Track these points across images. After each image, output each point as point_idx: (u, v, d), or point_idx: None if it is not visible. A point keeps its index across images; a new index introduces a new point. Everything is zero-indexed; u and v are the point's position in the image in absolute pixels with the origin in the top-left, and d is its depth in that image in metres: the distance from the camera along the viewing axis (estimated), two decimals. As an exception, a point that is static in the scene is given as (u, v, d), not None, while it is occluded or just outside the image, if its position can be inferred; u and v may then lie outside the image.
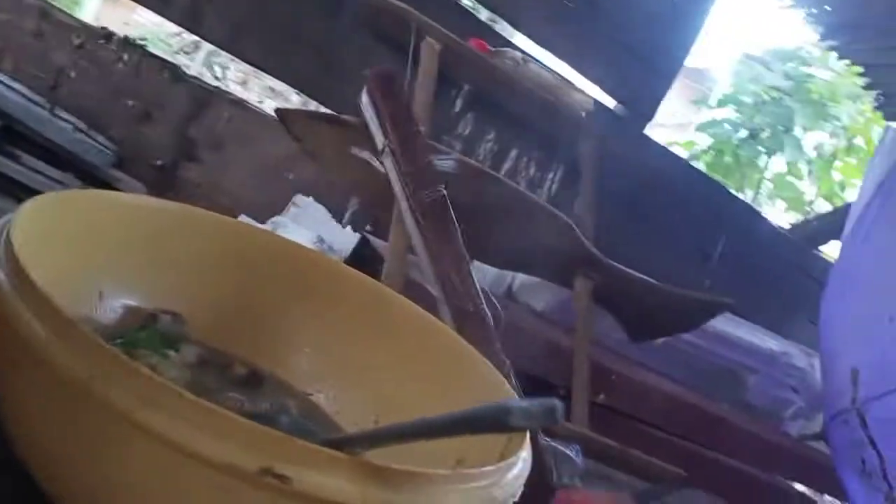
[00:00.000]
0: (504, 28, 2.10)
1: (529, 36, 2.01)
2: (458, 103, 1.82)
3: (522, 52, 1.90)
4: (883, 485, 1.98)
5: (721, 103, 7.23)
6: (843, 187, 7.50)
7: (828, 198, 7.91)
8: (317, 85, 1.78)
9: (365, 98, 1.34)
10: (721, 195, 2.73)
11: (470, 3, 2.12)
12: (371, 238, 1.61)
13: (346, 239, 1.53)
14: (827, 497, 2.26)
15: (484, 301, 1.35)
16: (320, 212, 1.59)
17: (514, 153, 1.94)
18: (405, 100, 1.37)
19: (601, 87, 2.13)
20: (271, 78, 2.17)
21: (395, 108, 1.35)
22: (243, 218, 1.44)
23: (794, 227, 3.49)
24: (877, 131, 6.82)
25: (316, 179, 1.70)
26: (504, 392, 0.66)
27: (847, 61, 3.72)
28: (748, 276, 2.63)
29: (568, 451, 1.58)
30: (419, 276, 1.39)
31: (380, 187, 1.42)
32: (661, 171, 2.27)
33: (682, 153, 7.84)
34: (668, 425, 2.01)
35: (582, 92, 1.94)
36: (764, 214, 3.05)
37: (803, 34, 4.50)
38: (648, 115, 2.24)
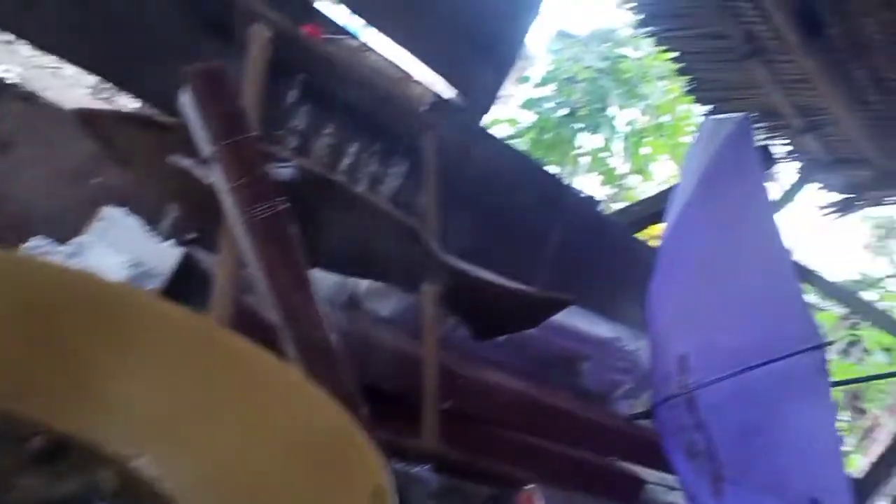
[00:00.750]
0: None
1: (368, 23, 1.88)
2: (292, 95, 1.65)
3: (360, 40, 1.76)
4: (710, 465, 2.11)
5: (544, 82, 7.47)
6: (651, 161, 8.09)
7: (638, 172, 8.50)
8: (125, 73, 1.51)
9: (188, 98, 1.15)
10: (555, 185, 2.77)
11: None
12: (195, 253, 1.42)
13: (165, 257, 1.34)
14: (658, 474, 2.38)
15: (328, 324, 1.24)
16: (133, 226, 1.37)
17: (354, 147, 1.81)
18: (236, 101, 1.19)
19: (442, 77, 2.05)
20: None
21: (225, 111, 1.18)
22: (32, 244, 1.20)
23: (619, 212, 3.65)
24: (682, 109, 7.40)
25: (127, 185, 1.46)
26: (346, 434, 0.57)
27: (662, 47, 3.91)
28: (581, 262, 2.70)
29: (419, 472, 1.52)
30: (255, 298, 1.24)
31: (205, 196, 1.25)
32: (499, 163, 2.24)
33: (507, 130, 8.06)
34: (515, 423, 2.01)
35: (422, 84, 1.85)
36: (595, 200, 3.15)
37: (618, 15, 4.70)
38: (486, 107, 2.19)
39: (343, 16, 2.00)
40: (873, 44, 3.16)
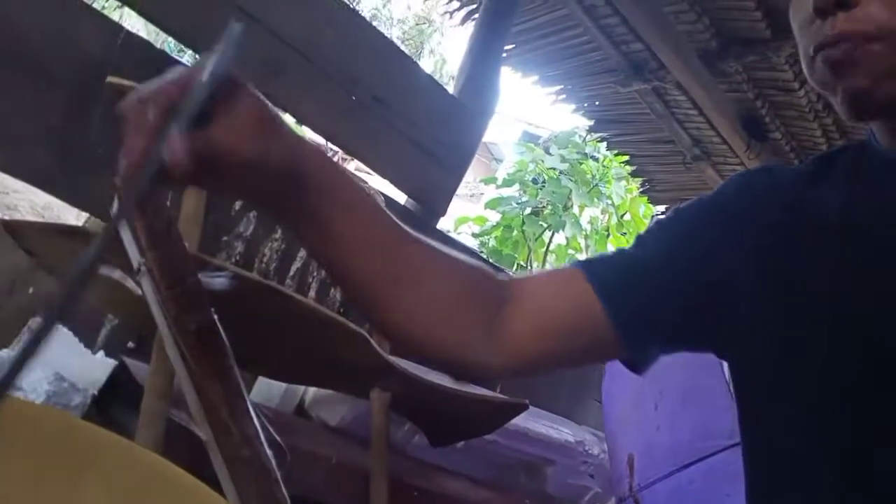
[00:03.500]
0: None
1: (315, 131, 1.90)
2: (239, 201, 1.65)
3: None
4: None
5: (507, 182, 7.66)
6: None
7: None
8: (61, 183, 1.49)
9: (117, 208, 1.13)
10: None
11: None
12: (130, 364, 1.37)
13: (96, 369, 1.29)
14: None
15: (264, 440, 1.18)
16: (65, 337, 1.32)
17: (302, 253, 1.80)
18: (165, 211, 1.18)
19: (392, 183, 2.07)
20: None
21: (153, 221, 1.16)
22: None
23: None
24: (642, 208, 7.59)
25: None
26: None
27: (615, 151, 4.04)
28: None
29: None
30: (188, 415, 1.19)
31: (139, 307, 1.21)
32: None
33: (475, 228, 8.18)
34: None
35: (373, 189, 1.86)
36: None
37: (577, 119, 4.87)
38: (441, 211, 2.21)
39: (291, 122, 2.04)
40: (816, 147, 3.29)
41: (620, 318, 0.65)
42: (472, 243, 8.10)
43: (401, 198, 2.22)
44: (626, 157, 4.05)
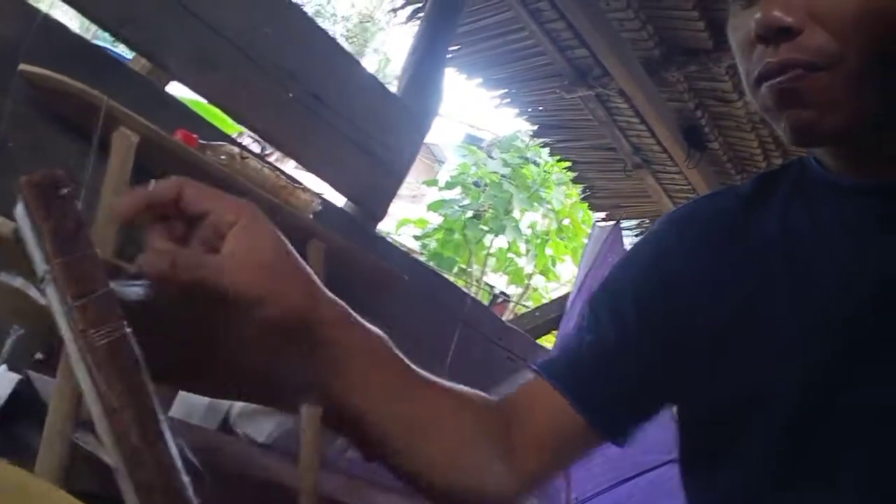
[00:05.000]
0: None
1: (250, 128, 1.81)
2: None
3: (241, 146, 1.69)
4: None
5: (449, 185, 7.63)
6: (554, 262, 8.32)
7: (543, 272, 8.70)
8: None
9: (20, 210, 1.02)
10: (453, 293, 2.73)
11: (175, 92, 1.86)
12: (36, 378, 1.26)
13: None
14: None
15: (180, 466, 1.09)
16: (-40, 350, 1.20)
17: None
18: (74, 213, 1.07)
19: (330, 185, 1.99)
20: None
21: (60, 224, 1.05)
22: None
23: (520, 318, 3.64)
24: (580, 213, 7.68)
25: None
26: None
27: (557, 157, 4.04)
28: (482, 372, 2.62)
29: None
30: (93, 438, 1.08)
31: (45, 317, 1.11)
32: (394, 272, 2.17)
33: (416, 231, 8.13)
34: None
35: (310, 191, 1.78)
36: (489, 309, 3.12)
37: (520, 124, 4.87)
38: (380, 214, 2.14)
39: (227, 122, 1.94)
40: (753, 157, 3.35)
41: (595, 414, 0.64)
42: (413, 245, 8.04)
43: (339, 200, 2.14)
44: (568, 164, 4.05)
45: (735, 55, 0.60)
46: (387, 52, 14.90)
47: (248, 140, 2.46)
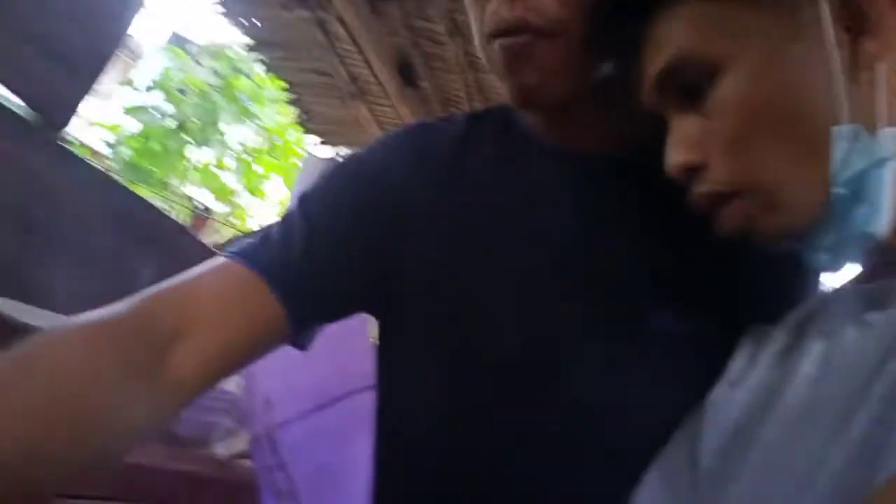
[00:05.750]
0: None
1: None
2: None
3: None
4: None
5: (150, 89, 6.96)
6: (262, 180, 8.11)
7: (251, 190, 8.44)
8: None
9: None
10: (147, 211, 2.52)
11: None
12: None
13: None
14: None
15: None
16: None
17: None
18: None
19: (6, 87, 1.69)
20: None
21: None
22: None
23: (227, 243, 3.50)
24: (293, 133, 7.55)
25: None
26: None
27: (273, 75, 3.89)
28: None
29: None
30: None
31: None
32: (80, 188, 1.94)
33: (109, 136, 7.30)
34: (91, 491, 1.72)
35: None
36: (193, 235, 2.95)
37: (233, 34, 4.57)
38: (62, 122, 1.88)
39: None
40: (458, 100, 3.56)
41: (295, 308, 0.61)
42: (106, 152, 7.24)
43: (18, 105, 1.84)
44: (285, 85, 3.93)
45: (467, 6, 0.61)
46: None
47: None
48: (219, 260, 0.61)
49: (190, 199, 8.31)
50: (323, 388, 1.91)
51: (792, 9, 0.44)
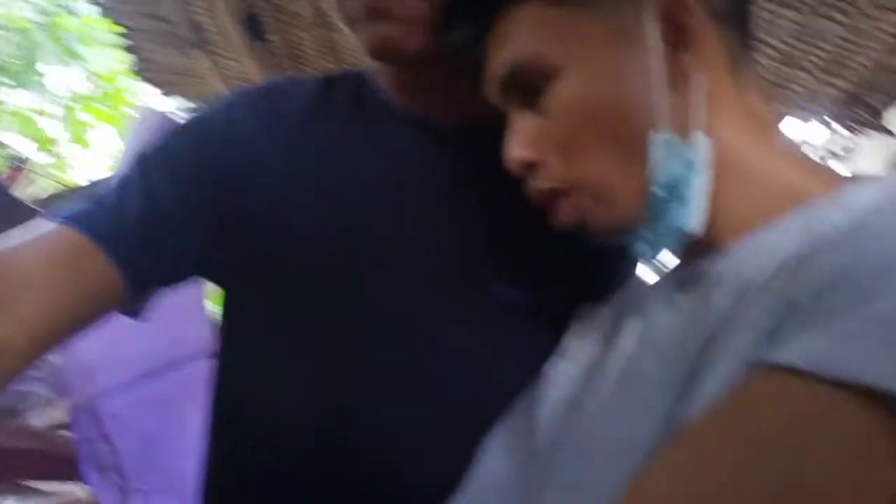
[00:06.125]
0: None
1: None
2: None
3: None
4: (118, 478, 2.00)
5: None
6: (90, 130, 7.48)
7: (77, 140, 7.76)
8: None
9: None
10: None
11: None
12: None
13: None
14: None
15: None
16: None
17: None
18: None
19: None
20: None
21: None
22: None
23: (52, 198, 3.22)
24: (126, 80, 6.99)
25: None
26: None
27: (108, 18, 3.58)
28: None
29: None
30: None
31: None
32: None
33: None
34: None
35: None
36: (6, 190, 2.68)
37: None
38: None
39: None
40: (306, 57, 3.45)
41: (132, 273, 0.58)
42: None
43: None
44: (121, 30, 3.62)
45: None
46: None
47: None
48: (48, 224, 0.57)
49: (4, 146, 7.52)
50: (150, 356, 1.81)
51: (622, 19, 0.47)
